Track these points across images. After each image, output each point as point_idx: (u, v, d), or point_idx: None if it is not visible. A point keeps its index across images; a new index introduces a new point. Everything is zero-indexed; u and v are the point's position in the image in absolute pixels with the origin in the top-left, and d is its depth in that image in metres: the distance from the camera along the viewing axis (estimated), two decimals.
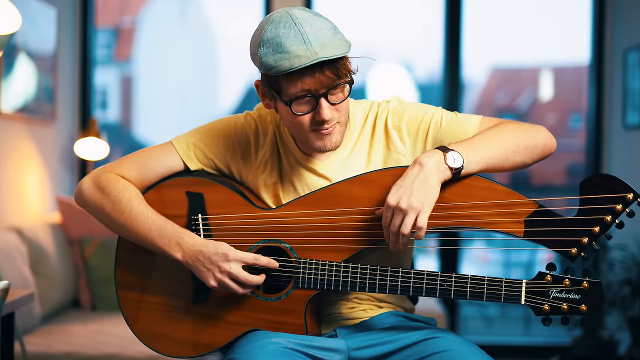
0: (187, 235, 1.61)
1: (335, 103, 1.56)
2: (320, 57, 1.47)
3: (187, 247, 1.60)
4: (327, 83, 1.52)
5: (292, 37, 1.48)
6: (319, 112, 1.55)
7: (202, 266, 1.58)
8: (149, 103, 5.59)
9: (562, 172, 5.29)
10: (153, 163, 1.73)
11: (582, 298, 1.46)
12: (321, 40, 1.48)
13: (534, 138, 1.59)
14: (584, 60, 4.34)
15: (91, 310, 3.50)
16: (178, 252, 1.60)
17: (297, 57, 1.47)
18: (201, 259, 1.58)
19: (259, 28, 1.55)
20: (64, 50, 3.95)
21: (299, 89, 1.52)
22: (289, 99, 1.54)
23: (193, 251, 1.59)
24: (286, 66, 1.48)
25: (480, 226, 1.50)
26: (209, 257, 1.58)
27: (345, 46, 1.52)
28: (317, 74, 1.50)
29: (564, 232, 1.47)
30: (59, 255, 3.34)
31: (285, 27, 1.49)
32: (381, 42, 5.06)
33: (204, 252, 1.58)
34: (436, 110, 1.66)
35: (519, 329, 4.82)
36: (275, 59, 1.49)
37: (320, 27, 1.50)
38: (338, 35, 1.52)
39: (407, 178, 1.49)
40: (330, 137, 1.59)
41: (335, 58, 1.50)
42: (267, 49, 1.50)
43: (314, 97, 1.53)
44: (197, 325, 1.67)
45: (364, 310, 1.69)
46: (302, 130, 1.59)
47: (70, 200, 3.54)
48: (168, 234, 1.61)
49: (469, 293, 1.50)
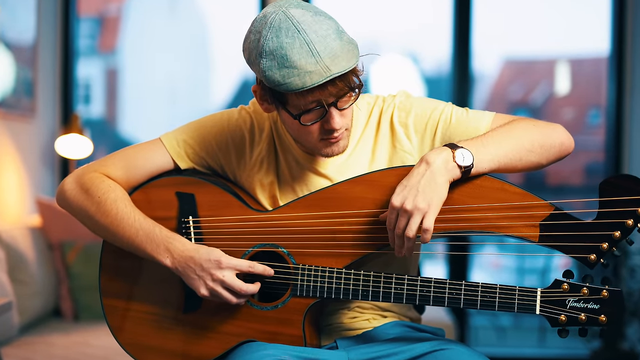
0: (177, 240, 1.61)
1: (344, 108, 1.56)
2: (333, 74, 1.47)
3: (176, 252, 1.60)
4: (337, 93, 1.52)
5: (298, 48, 1.46)
6: (329, 121, 1.55)
7: (192, 273, 1.58)
8: (136, 97, 5.59)
9: (579, 172, 5.30)
10: (140, 161, 1.73)
11: (601, 308, 1.46)
12: (330, 51, 1.47)
13: (551, 137, 1.59)
14: (604, 51, 4.35)
15: (74, 320, 3.50)
16: (167, 258, 1.60)
17: (309, 74, 1.46)
18: (192, 266, 1.58)
19: (255, 32, 1.52)
20: (44, 40, 3.95)
21: (308, 101, 1.51)
22: (297, 111, 1.53)
23: (183, 257, 1.59)
24: (297, 85, 1.47)
25: (492, 230, 1.51)
26: (201, 264, 1.58)
27: (354, 53, 1.51)
28: (328, 87, 1.49)
29: (582, 236, 1.47)
30: (38, 261, 3.33)
31: (289, 36, 1.47)
32: (385, 32, 5.07)
33: (195, 258, 1.58)
34: (446, 106, 1.66)
35: (534, 340, 4.83)
36: (283, 75, 1.47)
37: (325, 32, 1.48)
38: (344, 37, 1.50)
39: (413, 177, 1.49)
40: (338, 143, 1.60)
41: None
42: (271, 61, 1.48)
43: (324, 107, 1.53)
44: (188, 335, 1.67)
45: (367, 320, 1.70)
46: (309, 138, 1.59)
47: (51, 202, 3.54)
48: (156, 239, 1.61)
49: (480, 302, 1.50)
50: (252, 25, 1.53)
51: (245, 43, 1.55)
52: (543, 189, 5.11)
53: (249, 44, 1.53)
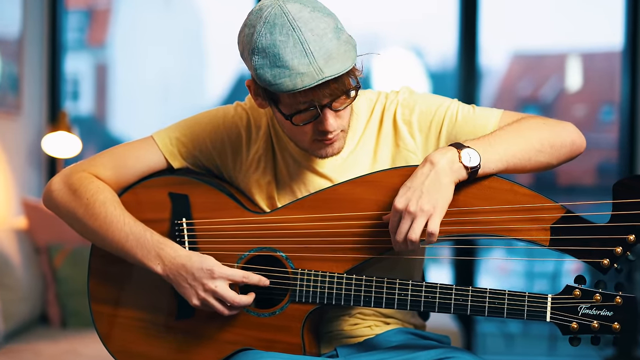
0: (169, 246, 1.61)
1: (340, 109, 1.56)
2: (326, 77, 1.46)
3: (168, 259, 1.59)
4: (331, 95, 1.52)
5: (291, 47, 1.46)
6: (322, 123, 1.55)
7: (184, 282, 1.58)
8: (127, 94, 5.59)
9: (591, 171, 5.30)
10: (131, 160, 1.73)
11: (614, 315, 1.46)
12: (325, 51, 1.46)
13: (561, 136, 1.59)
14: (617, 45, 4.35)
15: (61, 326, 3.50)
16: (158, 265, 1.60)
17: (300, 76, 1.46)
18: (183, 274, 1.58)
19: (249, 26, 1.51)
20: (30, 33, 3.95)
21: (300, 102, 1.51)
22: (289, 111, 1.53)
23: (175, 264, 1.59)
24: (288, 86, 1.47)
25: (500, 233, 1.50)
26: (192, 272, 1.58)
27: (351, 54, 1.50)
28: (321, 89, 1.49)
29: (594, 240, 1.47)
30: (24, 265, 3.33)
31: (282, 34, 1.46)
32: (387, 23, 5.07)
33: (186, 266, 1.58)
34: (451, 103, 1.66)
35: (544, 348, 4.83)
36: (274, 75, 1.47)
37: (322, 30, 1.47)
38: (342, 37, 1.49)
39: (417, 178, 1.49)
40: (333, 145, 1.60)
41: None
42: (262, 59, 1.48)
43: (317, 108, 1.53)
44: (181, 343, 1.67)
45: (369, 327, 1.70)
46: (302, 138, 1.60)
47: (38, 203, 3.54)
48: (147, 244, 1.61)
49: (488, 309, 1.50)
50: (248, 18, 1.53)
51: (240, 35, 1.55)
52: (553, 190, 5.12)
53: (243, 37, 1.53)
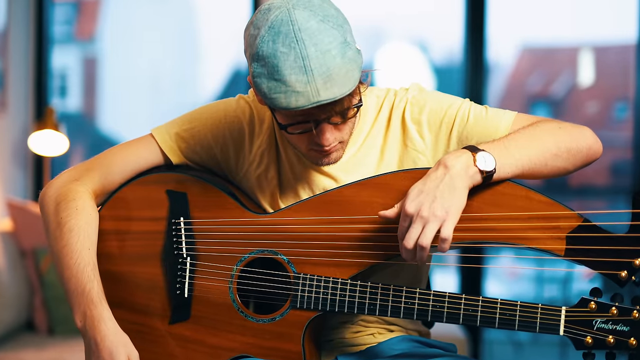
0: (98, 312, 1.58)
1: (339, 123, 1.56)
2: (321, 100, 1.46)
3: (90, 323, 1.58)
4: (328, 113, 1.52)
5: (292, 61, 1.45)
6: (318, 136, 1.55)
7: (90, 352, 1.58)
8: (117, 89, 5.59)
9: (604, 171, 5.30)
10: (132, 157, 1.73)
11: (631, 330, 1.46)
12: (326, 70, 1.45)
13: (578, 140, 1.59)
14: (631, 38, 4.35)
15: (48, 334, 3.50)
16: (80, 321, 1.59)
17: (295, 94, 1.45)
18: (93, 347, 1.57)
19: (255, 27, 1.50)
20: (15, 26, 3.95)
21: (295, 114, 1.51)
22: (284, 122, 1.54)
23: (92, 333, 1.57)
24: (282, 103, 1.47)
25: (515, 241, 1.50)
26: (102, 355, 1.56)
27: (353, 75, 1.49)
28: (317, 109, 1.49)
29: (612, 251, 1.47)
30: (9, 269, 3.33)
31: (285, 45, 1.46)
32: (390, 16, 5.07)
33: (98, 343, 1.56)
34: (463, 103, 1.66)
35: (554, 356, 4.83)
36: (270, 88, 1.47)
37: (326, 45, 1.46)
38: (348, 53, 1.48)
39: (430, 182, 1.48)
40: (329, 155, 1.60)
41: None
42: (261, 67, 1.48)
43: (314, 122, 1.53)
44: (174, 349, 1.67)
45: (372, 335, 1.70)
46: (299, 146, 1.60)
47: (23, 204, 3.54)
48: (82, 298, 1.59)
49: (499, 321, 1.49)
50: (256, 16, 1.52)
51: (245, 32, 1.55)
52: (565, 191, 5.12)
53: (247, 36, 1.53)
